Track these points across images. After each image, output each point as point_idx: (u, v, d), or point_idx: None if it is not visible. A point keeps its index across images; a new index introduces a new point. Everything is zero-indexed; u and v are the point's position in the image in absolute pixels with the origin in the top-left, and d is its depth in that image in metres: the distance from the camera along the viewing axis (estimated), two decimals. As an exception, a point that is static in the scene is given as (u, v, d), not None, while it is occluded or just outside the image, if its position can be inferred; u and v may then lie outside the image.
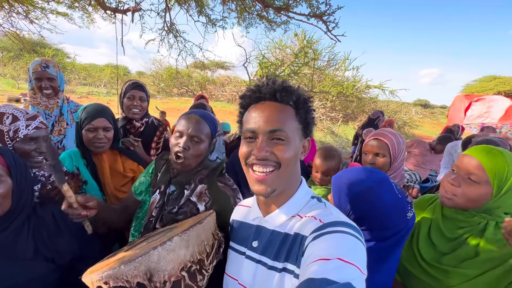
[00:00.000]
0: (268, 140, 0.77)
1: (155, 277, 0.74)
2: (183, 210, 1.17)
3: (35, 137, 1.31)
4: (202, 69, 18.94)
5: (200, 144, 1.19)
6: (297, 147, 0.80)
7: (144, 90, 2.12)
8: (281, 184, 0.79)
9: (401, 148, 1.56)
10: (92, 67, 26.73)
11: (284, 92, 0.79)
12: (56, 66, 2.08)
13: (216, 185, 1.22)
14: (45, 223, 1.11)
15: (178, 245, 0.78)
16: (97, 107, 1.59)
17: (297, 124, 0.80)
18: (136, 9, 4.59)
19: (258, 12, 5.47)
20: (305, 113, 0.82)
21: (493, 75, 22.66)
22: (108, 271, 0.72)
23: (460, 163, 1.05)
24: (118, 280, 0.71)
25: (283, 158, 0.77)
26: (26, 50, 11.92)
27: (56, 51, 21.47)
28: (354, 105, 15.04)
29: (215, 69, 22.52)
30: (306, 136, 0.84)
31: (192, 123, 1.19)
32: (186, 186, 1.22)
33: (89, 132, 1.52)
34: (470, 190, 1.00)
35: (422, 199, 1.31)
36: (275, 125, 0.77)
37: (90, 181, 1.54)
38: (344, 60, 13.40)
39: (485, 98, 19.11)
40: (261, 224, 0.88)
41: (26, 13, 6.61)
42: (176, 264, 0.77)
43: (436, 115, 27.88)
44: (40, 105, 2.04)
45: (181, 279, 0.78)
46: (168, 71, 19.09)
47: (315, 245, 0.69)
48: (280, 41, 13.47)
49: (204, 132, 1.20)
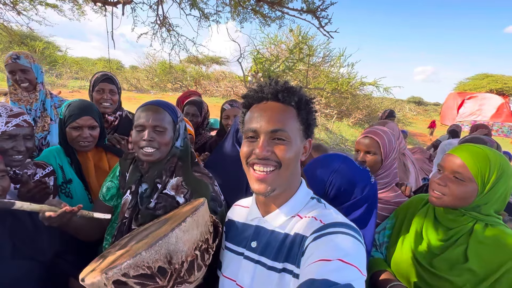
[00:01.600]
0: (269, 140, 0.78)
1: (174, 258, 0.75)
2: (161, 204, 1.14)
3: (13, 135, 1.25)
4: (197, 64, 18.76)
5: (165, 133, 1.15)
6: (298, 148, 0.80)
7: (114, 82, 2.02)
8: (281, 183, 0.79)
9: (392, 146, 1.55)
10: (84, 60, 26.24)
11: (287, 93, 0.80)
12: (29, 57, 1.98)
13: (193, 175, 1.20)
14: (21, 222, 1.08)
15: (192, 226, 0.80)
16: (82, 104, 1.52)
17: (299, 125, 0.81)
18: (127, 1, 4.49)
19: (252, 6, 5.40)
20: (306, 114, 0.82)
21: (485, 73, 22.95)
22: (127, 261, 0.70)
23: (444, 163, 1.08)
24: (139, 268, 0.71)
25: (284, 158, 0.77)
26: (16, 43, 11.61)
27: (47, 44, 20.97)
28: (348, 102, 15.07)
29: (209, 64, 22.31)
30: (307, 137, 0.85)
31: (151, 114, 1.14)
32: (158, 180, 1.18)
33: (74, 130, 1.46)
34: (456, 188, 1.02)
35: (414, 199, 1.30)
36: (277, 125, 0.77)
37: (75, 179, 1.49)
38: (339, 57, 13.37)
39: (477, 96, 19.39)
40: (260, 224, 0.87)
41: (14, 4, 6.42)
42: (191, 244, 0.79)
43: (429, 112, 28.17)
44: (21, 101, 1.97)
45: (195, 258, 0.79)
46: (162, 66, 18.83)
47: (315, 245, 0.70)
48: (276, 37, 13.39)
49: (166, 120, 1.16)
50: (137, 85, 19.65)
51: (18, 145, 1.27)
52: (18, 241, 1.04)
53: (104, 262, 0.81)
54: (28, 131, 1.32)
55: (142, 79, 20.49)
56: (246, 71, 10.26)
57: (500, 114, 18.56)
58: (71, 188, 1.48)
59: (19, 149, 1.27)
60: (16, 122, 1.27)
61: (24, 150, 1.29)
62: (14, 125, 1.26)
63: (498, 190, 1.00)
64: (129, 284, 0.71)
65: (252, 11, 5.50)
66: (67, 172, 1.49)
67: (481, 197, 1.01)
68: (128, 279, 0.70)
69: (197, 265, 0.80)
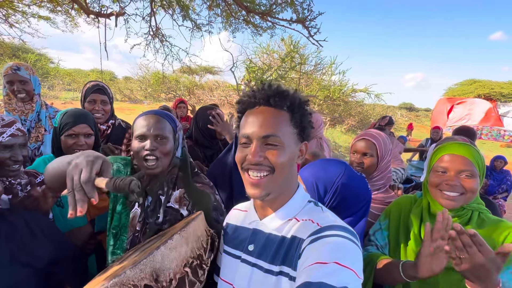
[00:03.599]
0: (261, 145, 0.78)
1: (161, 276, 0.75)
2: (167, 218, 1.13)
3: (9, 145, 1.25)
4: (190, 74, 18.87)
5: (167, 143, 1.14)
6: (292, 152, 0.80)
7: (105, 93, 2.02)
8: (275, 187, 0.79)
9: (387, 149, 1.59)
10: (77, 72, 26.15)
11: (278, 97, 0.79)
12: (29, 69, 2.01)
13: (194, 186, 1.19)
14: (17, 229, 1.08)
15: (179, 243, 0.80)
16: (78, 112, 1.53)
17: (292, 129, 0.80)
18: (120, 13, 4.55)
19: (244, 17, 5.52)
20: (300, 117, 0.81)
21: (473, 79, 23.54)
22: (113, 279, 0.70)
23: (448, 164, 1.09)
24: (125, 286, 0.71)
25: (277, 163, 0.77)
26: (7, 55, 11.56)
27: (39, 56, 20.90)
28: (341, 109, 15.28)
29: (203, 74, 22.45)
30: (302, 140, 0.84)
31: (152, 123, 1.12)
32: (160, 192, 1.17)
33: (70, 138, 1.47)
34: (471, 185, 1.05)
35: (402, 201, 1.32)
36: (269, 131, 0.77)
37: None
38: (331, 65, 13.63)
39: (466, 101, 19.82)
40: (257, 228, 0.87)
41: (6, 17, 6.44)
42: (179, 261, 0.79)
43: (420, 118, 28.67)
44: (15, 111, 1.98)
45: (185, 275, 0.79)
46: (155, 76, 18.90)
47: (312, 248, 0.69)
48: (268, 46, 13.60)
49: (167, 129, 1.15)
50: (131, 96, 19.61)
51: (15, 155, 1.26)
52: (14, 248, 1.04)
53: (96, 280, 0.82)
54: (23, 140, 1.32)
55: (136, 89, 20.48)
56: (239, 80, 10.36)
57: (489, 118, 18.99)
58: (62, 197, 1.48)
59: (17, 159, 1.26)
60: (11, 131, 1.27)
61: (21, 159, 1.28)
62: (9, 135, 1.25)
63: None
64: None
65: (244, 22, 5.61)
66: None
67: None
68: None
69: (188, 281, 0.79)
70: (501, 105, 19.60)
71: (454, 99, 20.44)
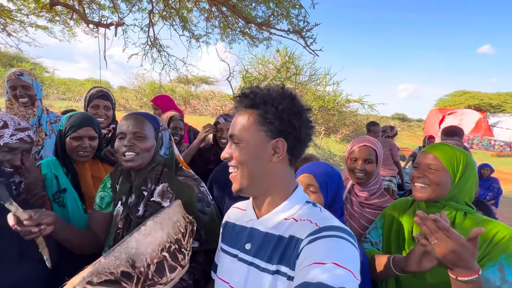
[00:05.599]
0: (231, 144, 0.85)
1: (137, 262, 0.76)
2: (149, 212, 1.16)
3: (14, 148, 1.27)
4: (186, 83, 18.99)
5: (145, 140, 1.18)
6: (257, 150, 0.81)
7: (109, 99, 2.10)
8: (245, 183, 0.83)
9: (382, 153, 1.64)
10: (71, 81, 26.07)
11: (243, 97, 0.85)
12: (32, 75, 2.04)
13: (177, 180, 1.23)
14: None
15: (153, 228, 0.82)
16: (84, 115, 1.57)
17: (257, 126, 0.81)
18: (120, 23, 4.63)
19: (241, 28, 5.65)
20: (265, 113, 0.80)
21: (463, 90, 24.06)
22: (89, 270, 0.72)
23: (419, 160, 1.21)
24: (101, 274, 0.72)
25: (238, 159, 0.82)
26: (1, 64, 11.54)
27: (33, 65, 20.86)
28: (335, 119, 15.46)
29: (199, 84, 22.61)
30: (274, 137, 0.81)
31: (131, 122, 1.18)
32: (143, 188, 1.21)
33: (74, 140, 1.49)
34: (434, 177, 1.13)
35: (398, 202, 1.37)
36: (231, 131, 0.85)
37: (70, 189, 1.50)
38: (325, 76, 13.88)
39: (457, 112, 20.24)
40: (255, 227, 0.88)
41: (4, 26, 6.48)
42: (155, 246, 0.80)
43: (413, 128, 29.10)
44: (17, 116, 1.99)
45: (163, 259, 0.81)
46: (151, 86, 18.96)
47: (310, 248, 0.70)
48: (263, 57, 13.84)
49: (146, 128, 1.19)
50: (126, 105, 19.58)
51: (14, 159, 1.28)
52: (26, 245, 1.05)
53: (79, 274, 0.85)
54: (29, 147, 1.34)
55: (131, 99, 20.45)
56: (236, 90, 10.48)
57: (479, 128, 19.38)
58: (64, 197, 1.49)
59: (14, 163, 1.28)
60: (21, 136, 1.29)
61: (18, 164, 1.29)
62: (17, 138, 1.27)
63: (468, 179, 1.12)
64: None
65: (241, 33, 5.74)
66: (62, 181, 1.50)
67: (455, 186, 1.11)
68: (93, 286, 0.71)
69: (168, 266, 0.81)
70: (490, 116, 20.06)
71: (445, 109, 20.86)
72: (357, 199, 1.65)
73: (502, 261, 0.96)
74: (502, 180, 5.25)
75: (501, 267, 0.96)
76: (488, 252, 0.99)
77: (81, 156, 1.52)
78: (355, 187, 1.68)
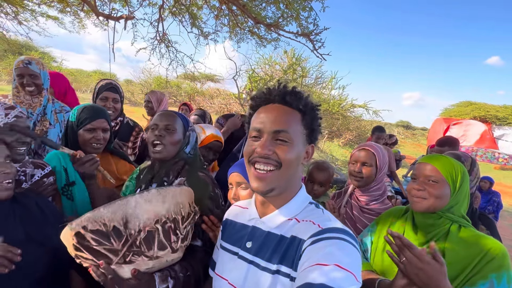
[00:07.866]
0: (272, 140, 0.80)
1: (130, 223, 0.78)
2: None
3: (15, 126, 1.26)
4: (192, 80, 19.01)
5: (174, 134, 1.28)
6: (299, 151, 0.82)
7: (118, 91, 2.12)
8: (280, 184, 0.80)
9: (385, 159, 1.63)
10: (79, 72, 26.25)
11: (294, 96, 0.83)
12: (40, 64, 2.05)
13: (196, 175, 1.28)
14: (30, 211, 1.14)
15: (155, 198, 0.83)
16: (96, 107, 1.59)
17: (302, 129, 0.82)
18: (130, 17, 4.64)
19: (249, 28, 5.64)
20: (311, 119, 0.84)
21: (469, 101, 23.87)
22: (87, 214, 0.74)
23: (418, 171, 1.19)
24: (96, 223, 0.74)
25: (285, 158, 0.78)
26: (11, 51, 11.62)
27: (42, 54, 21.00)
28: (339, 123, 15.39)
29: (204, 81, 22.62)
30: (310, 142, 0.86)
31: (165, 116, 1.30)
32: (165, 179, 1.28)
33: (88, 132, 1.51)
34: (434, 190, 1.12)
35: (393, 210, 1.37)
36: (280, 126, 0.79)
37: (79, 182, 1.50)
38: (331, 79, 13.82)
39: (462, 122, 20.08)
40: (256, 225, 0.88)
41: (15, 14, 6.53)
42: (152, 215, 0.81)
43: (417, 137, 28.91)
44: (23, 104, 2.01)
45: (155, 231, 0.81)
46: (157, 81, 19.02)
47: (313, 249, 0.70)
48: (270, 58, 13.81)
49: (177, 123, 1.31)
50: (131, 98, 19.66)
51: (21, 137, 1.27)
52: (29, 228, 1.10)
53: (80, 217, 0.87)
54: (28, 123, 1.34)
55: (137, 92, 20.55)
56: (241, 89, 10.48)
57: (484, 140, 19.20)
58: (73, 190, 1.49)
59: (24, 140, 1.27)
60: (15, 113, 1.29)
61: (28, 141, 1.30)
62: (14, 116, 1.27)
63: (463, 190, 1.12)
64: (87, 239, 0.74)
65: (249, 32, 5.74)
66: (71, 174, 1.50)
67: (453, 197, 1.11)
68: (86, 232, 0.74)
69: (158, 241, 0.81)
70: (495, 128, 19.86)
71: (451, 119, 20.70)
72: (358, 203, 1.67)
73: (493, 279, 0.96)
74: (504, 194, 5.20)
75: (491, 285, 0.95)
76: (479, 270, 0.99)
77: (95, 148, 1.53)
78: (356, 191, 1.70)
